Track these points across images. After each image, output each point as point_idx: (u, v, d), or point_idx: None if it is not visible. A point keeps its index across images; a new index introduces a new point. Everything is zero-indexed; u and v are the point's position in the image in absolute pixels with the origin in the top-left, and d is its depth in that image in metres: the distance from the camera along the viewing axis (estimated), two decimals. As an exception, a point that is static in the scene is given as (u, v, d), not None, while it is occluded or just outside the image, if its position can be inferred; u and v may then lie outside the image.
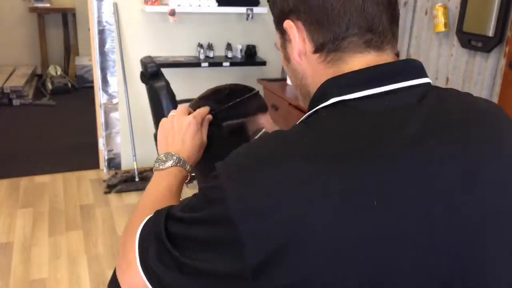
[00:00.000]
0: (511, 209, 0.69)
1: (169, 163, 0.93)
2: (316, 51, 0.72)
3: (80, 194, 3.58)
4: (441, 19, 2.27)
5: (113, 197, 3.54)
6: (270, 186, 0.61)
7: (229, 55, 3.90)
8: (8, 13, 6.28)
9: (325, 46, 0.71)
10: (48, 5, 6.26)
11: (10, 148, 4.38)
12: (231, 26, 3.94)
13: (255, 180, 0.63)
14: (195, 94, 1.17)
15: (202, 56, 3.80)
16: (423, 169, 0.64)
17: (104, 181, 3.74)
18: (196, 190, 0.75)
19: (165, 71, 3.02)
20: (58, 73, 6.14)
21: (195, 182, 1.05)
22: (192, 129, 0.97)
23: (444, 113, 0.69)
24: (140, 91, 3.22)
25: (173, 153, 0.94)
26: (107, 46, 3.68)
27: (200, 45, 3.81)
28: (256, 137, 1.02)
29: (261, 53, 4.01)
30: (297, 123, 0.71)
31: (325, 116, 0.68)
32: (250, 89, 1.09)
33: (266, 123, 1.07)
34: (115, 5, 3.60)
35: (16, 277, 2.62)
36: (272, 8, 0.78)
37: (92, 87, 4.09)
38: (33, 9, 6.21)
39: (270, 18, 0.75)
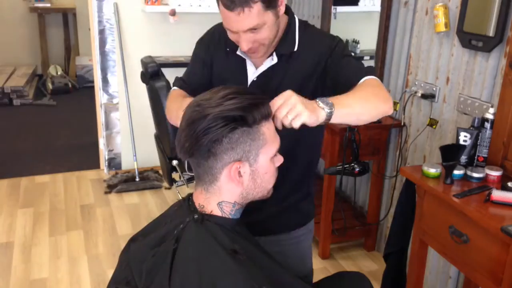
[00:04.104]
0: None
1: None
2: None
3: (81, 194, 3.58)
4: (441, 19, 2.27)
5: (113, 197, 3.53)
6: None
7: (230, 55, 3.89)
8: (9, 13, 6.29)
9: None
10: (48, 5, 6.26)
11: (10, 148, 4.38)
12: (232, 26, 3.93)
13: None
14: (196, 94, 1.16)
15: (202, 56, 3.79)
16: None
17: (105, 181, 3.74)
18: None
19: (165, 71, 3.01)
20: (59, 73, 6.15)
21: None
22: None
23: None
24: (141, 91, 3.22)
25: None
26: (108, 46, 3.69)
27: (201, 45, 3.80)
28: None
29: (262, 53, 4.00)
30: None
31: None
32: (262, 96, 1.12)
33: (267, 131, 1.08)
34: (116, 5, 3.60)
35: (16, 276, 2.62)
36: None
37: (92, 87, 4.09)
38: (34, 9, 6.21)
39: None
